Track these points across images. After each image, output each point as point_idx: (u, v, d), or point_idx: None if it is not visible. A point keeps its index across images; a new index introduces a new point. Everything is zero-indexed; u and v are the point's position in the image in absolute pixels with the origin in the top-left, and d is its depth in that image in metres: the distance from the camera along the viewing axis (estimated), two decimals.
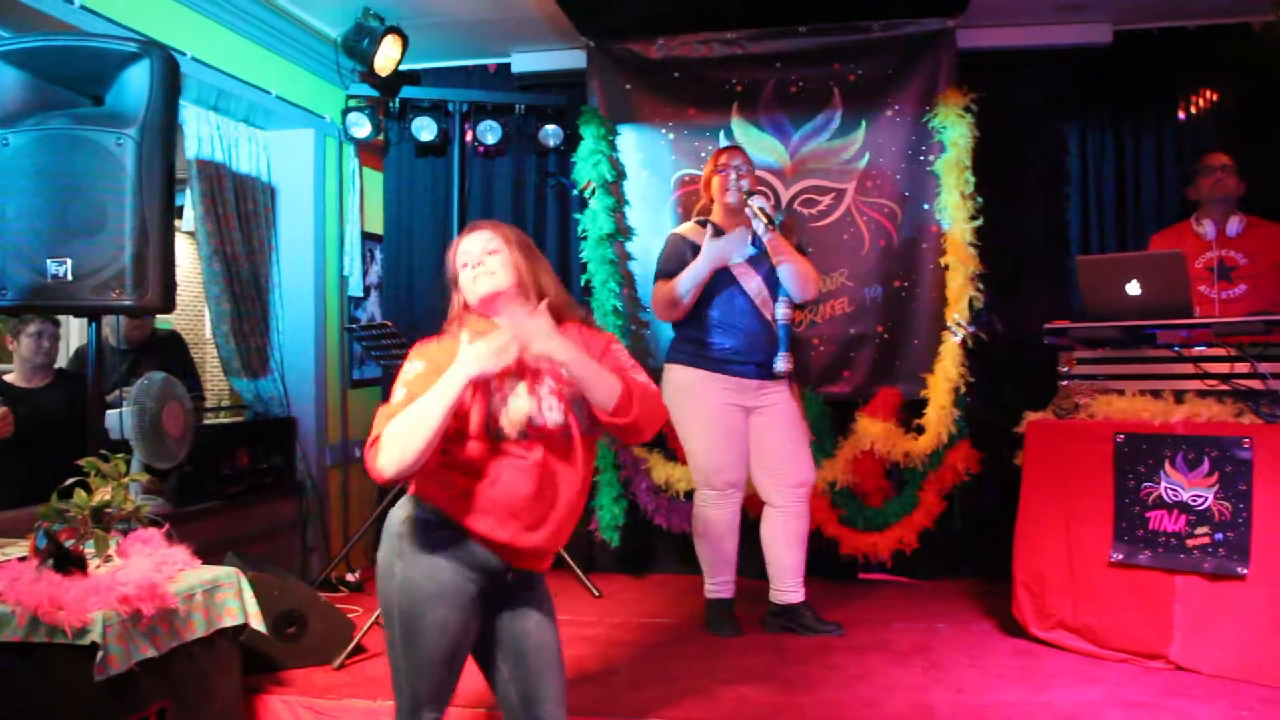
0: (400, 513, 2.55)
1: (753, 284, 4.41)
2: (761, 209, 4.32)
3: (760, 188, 4.44)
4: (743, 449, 4.45)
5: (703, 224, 4.53)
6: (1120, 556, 3.96)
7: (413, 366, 2.51)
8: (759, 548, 4.56)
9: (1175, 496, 3.86)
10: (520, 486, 2.46)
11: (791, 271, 4.33)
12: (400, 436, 2.33)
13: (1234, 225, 4.70)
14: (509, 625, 2.61)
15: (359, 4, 5.13)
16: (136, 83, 3.36)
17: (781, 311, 4.39)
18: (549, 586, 2.75)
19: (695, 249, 4.42)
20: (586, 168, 5.62)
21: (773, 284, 4.40)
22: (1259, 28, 5.05)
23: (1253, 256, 4.64)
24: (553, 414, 2.49)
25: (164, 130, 3.40)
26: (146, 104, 3.34)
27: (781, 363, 4.37)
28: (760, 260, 4.41)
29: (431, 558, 2.48)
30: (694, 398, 4.45)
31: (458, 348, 2.42)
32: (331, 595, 5.01)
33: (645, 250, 5.68)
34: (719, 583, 4.54)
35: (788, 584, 4.49)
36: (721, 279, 4.39)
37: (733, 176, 4.44)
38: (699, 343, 4.44)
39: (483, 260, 2.56)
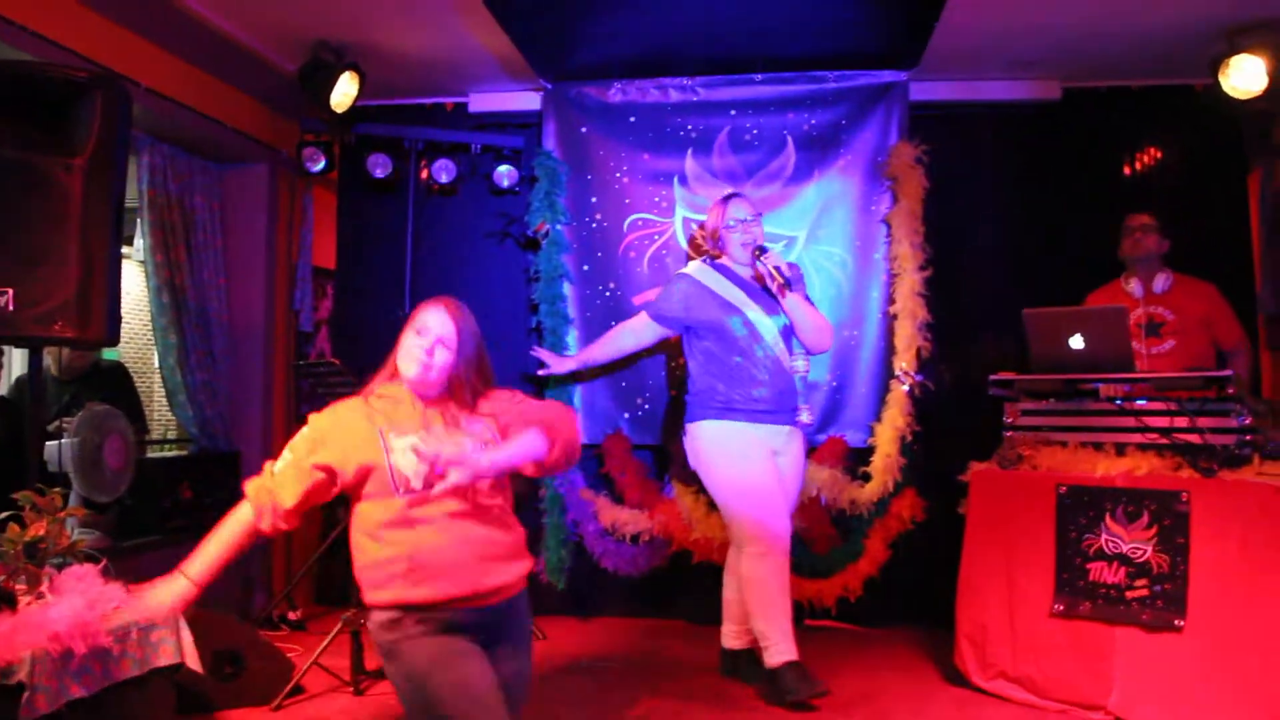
0: (374, 627, 2.56)
1: (770, 333, 4.40)
2: (776, 269, 4.34)
3: (766, 245, 4.45)
4: (784, 495, 4.38)
5: (710, 262, 4.58)
6: (1061, 607, 3.99)
7: (304, 431, 2.61)
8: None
9: (1115, 548, 3.90)
10: (442, 542, 2.50)
11: (808, 324, 4.38)
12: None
13: (1160, 282, 4.83)
14: (500, 666, 2.58)
15: (316, 39, 5.13)
16: (86, 112, 3.33)
17: (800, 364, 4.48)
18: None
19: (699, 286, 4.47)
20: (541, 209, 5.63)
21: (788, 336, 4.44)
22: (1200, 89, 5.18)
23: (1179, 312, 4.77)
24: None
25: (113, 160, 3.38)
26: (96, 133, 3.32)
27: (806, 415, 4.47)
28: (777, 311, 4.42)
29: (414, 641, 2.49)
30: (729, 450, 4.35)
31: (355, 419, 2.56)
32: (273, 634, 4.94)
33: (597, 292, 5.69)
34: (788, 644, 4.20)
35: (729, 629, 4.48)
36: (737, 331, 4.37)
37: (740, 234, 4.46)
38: (727, 397, 4.37)
39: (432, 347, 2.59)
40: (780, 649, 4.15)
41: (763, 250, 4.40)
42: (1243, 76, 4.83)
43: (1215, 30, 4.82)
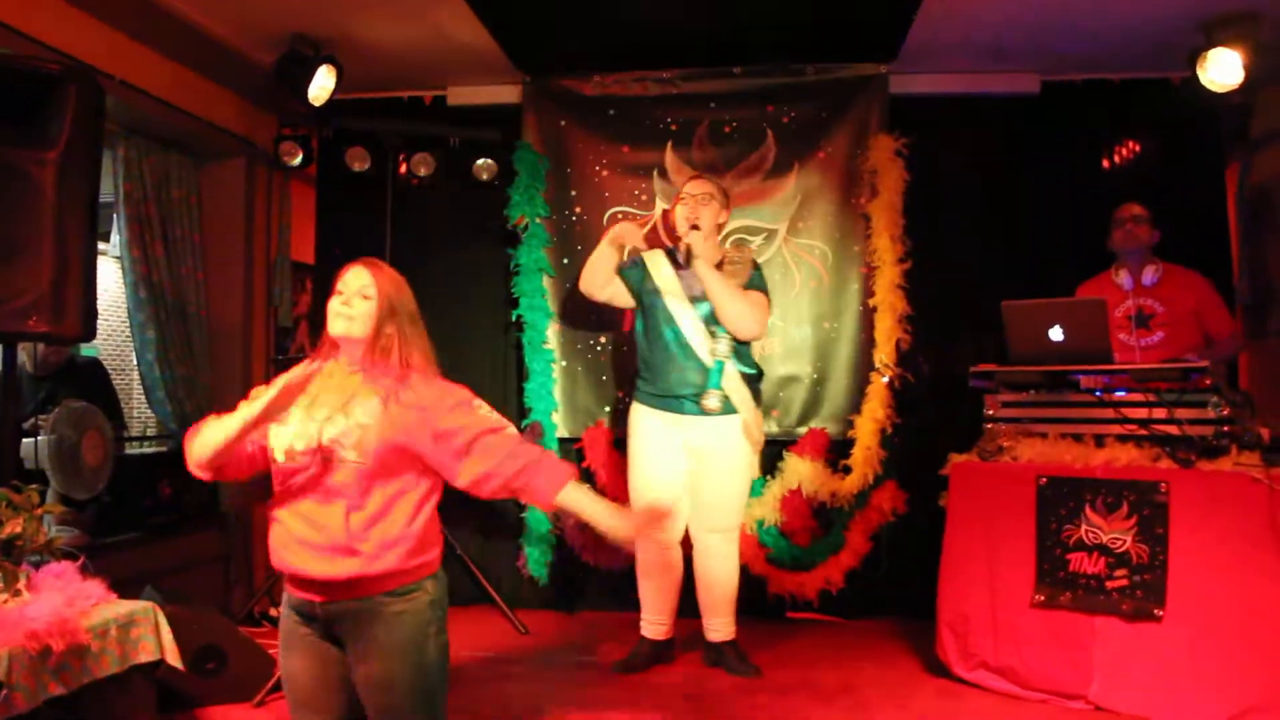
0: None
1: (688, 319, 4.42)
2: (688, 246, 4.36)
3: (698, 226, 4.43)
4: (674, 491, 4.43)
5: (667, 252, 4.62)
6: (1042, 598, 4.01)
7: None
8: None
9: (1095, 539, 3.92)
10: (294, 518, 2.44)
11: (725, 308, 4.34)
12: (204, 429, 2.50)
13: (1150, 274, 4.81)
14: (353, 675, 2.46)
15: (293, 32, 5.09)
16: (59, 105, 3.29)
17: (718, 348, 4.38)
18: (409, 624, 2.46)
19: (644, 271, 4.56)
20: (520, 202, 5.62)
21: (713, 320, 4.41)
22: (1178, 82, 5.20)
23: (1169, 304, 4.76)
24: (330, 437, 2.42)
25: (87, 154, 3.34)
26: (69, 127, 3.28)
27: (710, 400, 4.37)
28: (702, 297, 4.41)
29: (283, 608, 2.54)
30: (635, 434, 4.52)
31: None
32: (254, 630, 4.92)
33: (576, 287, 5.68)
34: (649, 621, 4.53)
35: (709, 623, 4.52)
36: (660, 315, 4.44)
37: (685, 208, 4.50)
38: (643, 379, 4.52)
39: (351, 301, 2.52)
40: (642, 624, 4.55)
41: (693, 228, 4.41)
42: (1220, 70, 4.85)
43: (1192, 23, 4.83)
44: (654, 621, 4.52)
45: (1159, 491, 3.81)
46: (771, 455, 5.42)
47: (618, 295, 4.67)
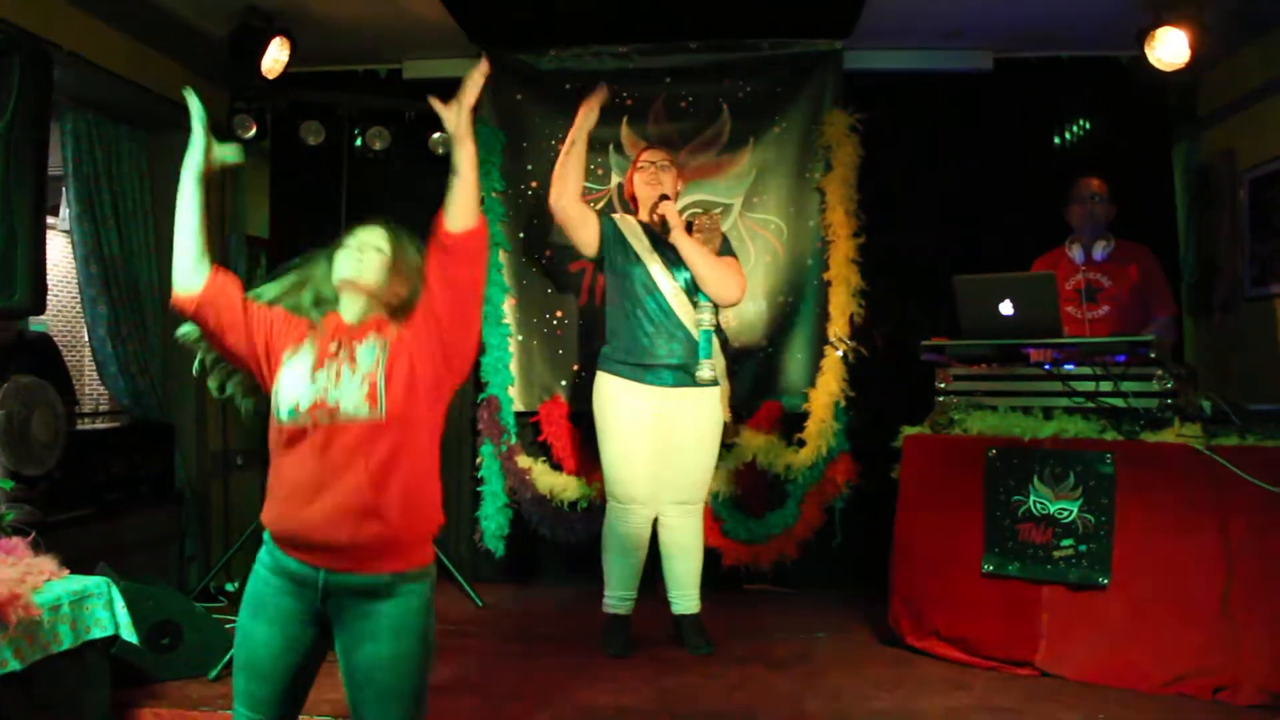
0: None
1: (668, 287, 4.40)
2: (663, 217, 4.35)
3: (668, 195, 4.43)
4: (651, 463, 4.40)
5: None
6: (991, 567, 4.08)
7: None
8: (654, 558, 4.58)
9: (1043, 509, 4.00)
10: (298, 473, 2.32)
11: (706, 274, 4.33)
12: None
13: (1101, 249, 4.87)
14: (345, 654, 2.37)
15: (245, 4, 5.03)
16: (4, 76, 3.26)
17: (705, 316, 4.37)
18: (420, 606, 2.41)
19: (615, 229, 4.49)
20: None
21: (693, 289, 4.40)
22: (1126, 61, 5.27)
23: (1115, 278, 4.83)
24: (342, 395, 2.32)
25: (34, 126, 3.33)
26: (15, 98, 3.25)
27: (704, 370, 4.34)
28: (679, 265, 4.40)
29: (255, 568, 2.41)
30: (606, 406, 4.44)
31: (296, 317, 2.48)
32: (211, 605, 4.91)
33: (533, 260, 5.70)
34: (614, 598, 4.46)
35: (671, 594, 4.52)
36: (638, 283, 4.40)
37: (646, 175, 4.50)
38: (615, 349, 4.45)
39: (364, 251, 2.45)
40: (606, 600, 4.46)
41: (664, 198, 4.40)
42: (1167, 49, 4.90)
43: (1140, 2, 4.89)
44: (627, 598, 4.46)
45: (1105, 462, 3.89)
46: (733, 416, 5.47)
47: (586, 223, 4.49)
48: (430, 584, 2.40)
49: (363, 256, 2.44)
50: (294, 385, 2.34)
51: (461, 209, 2.40)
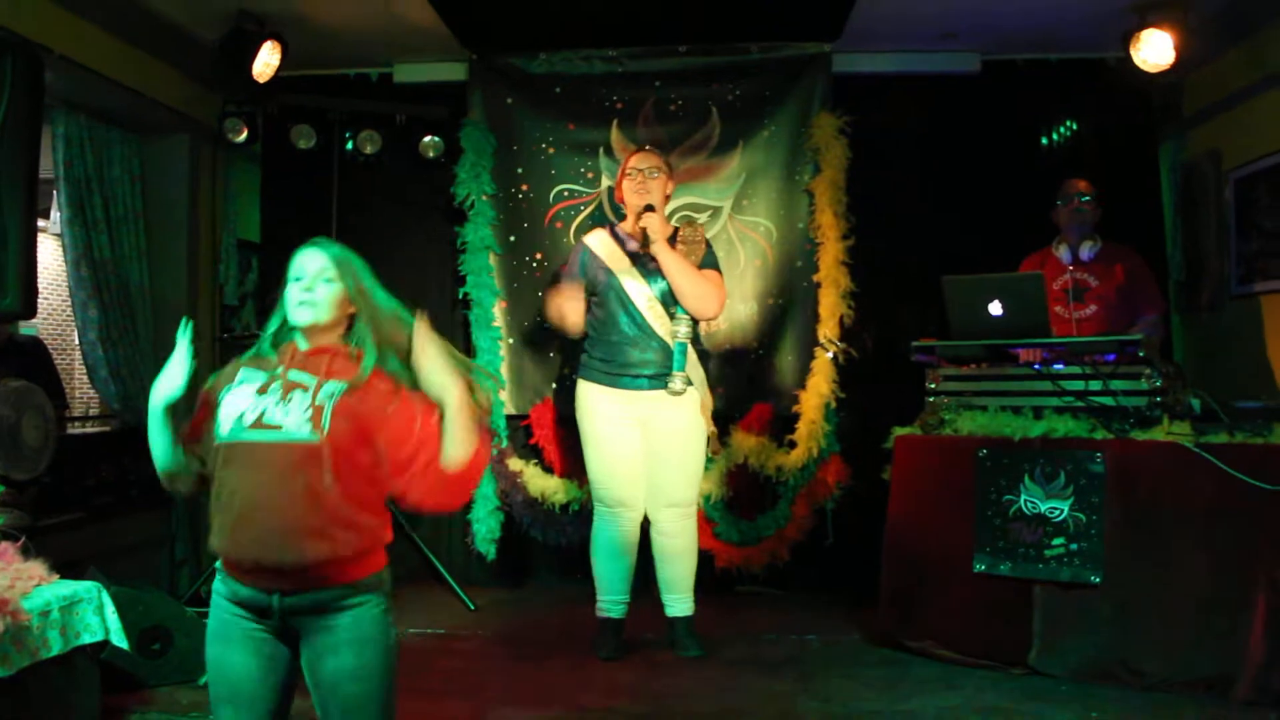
0: None
1: (642, 298, 4.40)
2: (644, 229, 4.34)
3: (652, 207, 4.41)
4: (634, 467, 4.42)
5: (612, 230, 4.58)
6: (983, 567, 4.10)
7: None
8: (644, 561, 4.58)
9: (1034, 509, 4.02)
10: (241, 493, 2.27)
11: (685, 288, 4.33)
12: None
13: (1088, 249, 4.89)
14: (310, 668, 2.34)
15: (237, 8, 5.04)
16: None
17: (681, 328, 4.36)
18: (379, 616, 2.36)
19: (591, 255, 4.48)
20: (467, 180, 5.62)
21: (670, 300, 4.40)
22: (1113, 63, 5.30)
23: (1102, 278, 4.86)
24: (287, 415, 2.29)
25: (25, 130, 3.32)
26: (6, 102, 3.25)
27: (676, 383, 4.34)
28: (657, 275, 4.39)
29: (214, 599, 2.38)
30: (587, 412, 4.47)
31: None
32: (202, 610, 4.88)
33: (524, 263, 5.70)
34: (606, 601, 4.46)
35: (665, 598, 4.50)
36: (613, 292, 4.40)
37: (634, 183, 4.48)
38: (594, 357, 4.47)
39: (313, 287, 2.39)
40: (599, 604, 4.46)
41: (648, 208, 4.39)
42: (1152, 50, 4.94)
43: (1125, 4, 4.93)
44: (620, 601, 4.46)
45: (1095, 461, 3.91)
46: (717, 431, 5.47)
47: (582, 304, 4.54)
48: (385, 591, 2.37)
49: (313, 292, 2.39)
50: (236, 405, 2.32)
51: (456, 446, 2.27)
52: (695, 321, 4.45)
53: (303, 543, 2.22)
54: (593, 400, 4.46)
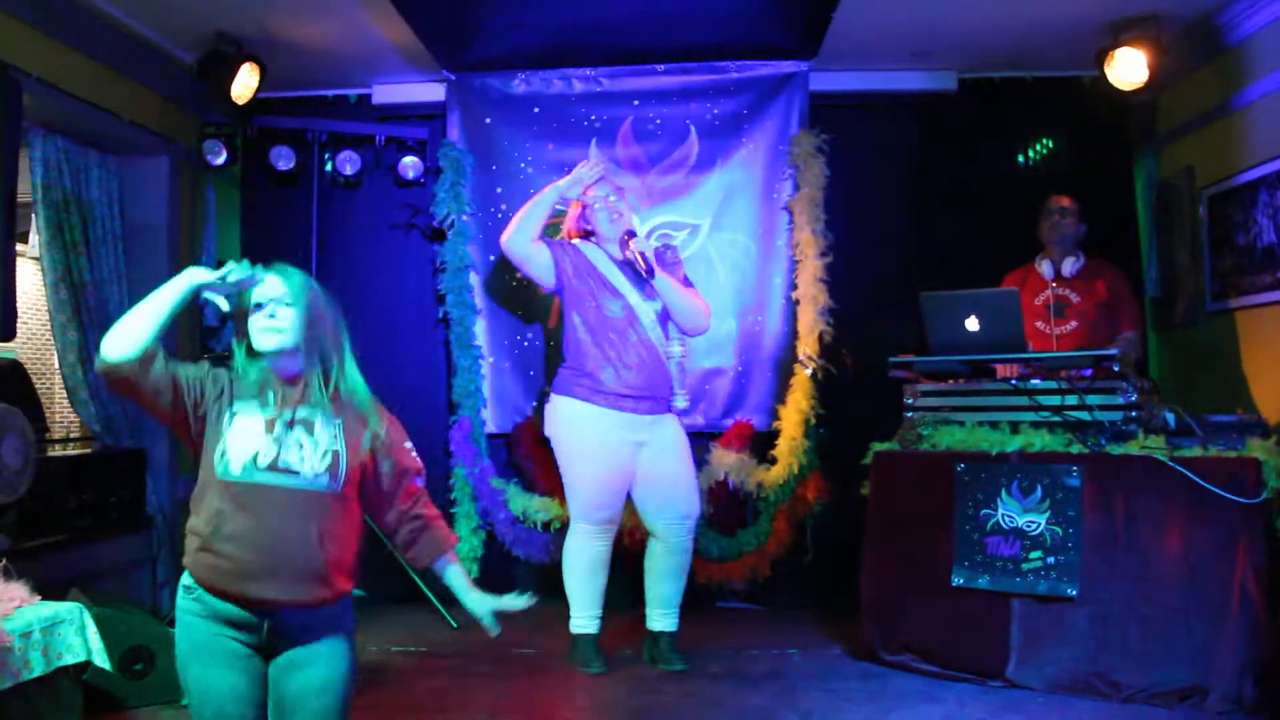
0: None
1: (649, 320, 4.43)
2: (641, 254, 4.35)
3: (634, 232, 4.47)
4: (625, 486, 4.44)
5: (597, 243, 4.58)
6: (961, 580, 4.12)
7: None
8: (636, 580, 4.61)
9: (1011, 522, 4.05)
10: (248, 533, 2.28)
11: (680, 307, 4.39)
12: (126, 317, 2.28)
13: (1070, 264, 4.94)
14: (274, 682, 2.36)
15: (215, 30, 5.06)
16: None
17: (676, 349, 4.46)
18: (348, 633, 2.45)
19: (584, 258, 4.50)
20: (446, 199, 5.64)
21: (665, 320, 4.46)
22: (1088, 81, 5.37)
23: (1084, 294, 4.90)
24: (303, 462, 2.33)
25: (3, 153, 3.34)
26: None
27: (682, 400, 4.47)
28: (654, 296, 4.43)
29: (183, 618, 2.36)
30: (584, 434, 4.40)
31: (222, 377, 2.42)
32: None
33: (504, 282, 5.72)
34: (585, 617, 4.47)
35: (654, 611, 4.52)
36: (618, 315, 4.41)
37: (605, 210, 4.50)
38: (594, 378, 4.39)
39: (275, 310, 2.41)
40: (578, 621, 4.47)
41: (631, 235, 4.43)
42: (1126, 69, 5.02)
43: (1099, 24, 5.00)
44: (595, 616, 4.47)
45: (1071, 475, 3.94)
46: (698, 447, 5.50)
47: (539, 262, 4.49)
48: (351, 609, 2.45)
49: (277, 318, 2.41)
50: (245, 442, 2.31)
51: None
52: (684, 339, 4.56)
53: (311, 586, 2.31)
54: (581, 420, 4.41)
